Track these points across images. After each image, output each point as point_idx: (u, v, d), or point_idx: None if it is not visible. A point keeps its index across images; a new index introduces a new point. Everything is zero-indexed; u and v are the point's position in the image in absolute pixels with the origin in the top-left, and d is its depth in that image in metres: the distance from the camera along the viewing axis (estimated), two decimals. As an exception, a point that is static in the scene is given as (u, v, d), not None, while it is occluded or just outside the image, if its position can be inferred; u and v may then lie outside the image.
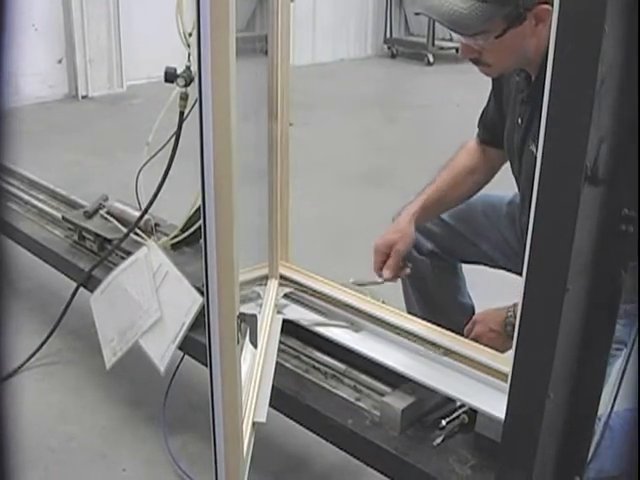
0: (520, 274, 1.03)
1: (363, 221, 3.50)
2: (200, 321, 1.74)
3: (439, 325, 1.66)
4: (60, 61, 6.06)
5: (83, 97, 6.08)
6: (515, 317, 1.53)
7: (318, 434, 1.61)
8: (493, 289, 1.98)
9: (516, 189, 1.78)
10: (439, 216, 1.93)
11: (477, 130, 1.89)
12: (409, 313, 1.87)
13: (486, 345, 1.63)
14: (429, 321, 1.69)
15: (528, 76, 1.55)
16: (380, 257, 1.78)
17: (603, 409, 1.10)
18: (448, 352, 1.57)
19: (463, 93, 6.09)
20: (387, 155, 4.77)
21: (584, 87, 0.89)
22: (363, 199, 3.91)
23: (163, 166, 2.00)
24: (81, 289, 2.24)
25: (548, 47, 0.93)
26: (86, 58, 6.06)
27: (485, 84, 1.77)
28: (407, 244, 1.79)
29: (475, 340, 1.68)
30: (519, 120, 1.61)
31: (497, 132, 1.78)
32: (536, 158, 0.94)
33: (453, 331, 1.63)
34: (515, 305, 1.62)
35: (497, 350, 1.61)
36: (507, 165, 1.80)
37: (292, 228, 1.96)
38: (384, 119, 5.78)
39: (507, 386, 1.10)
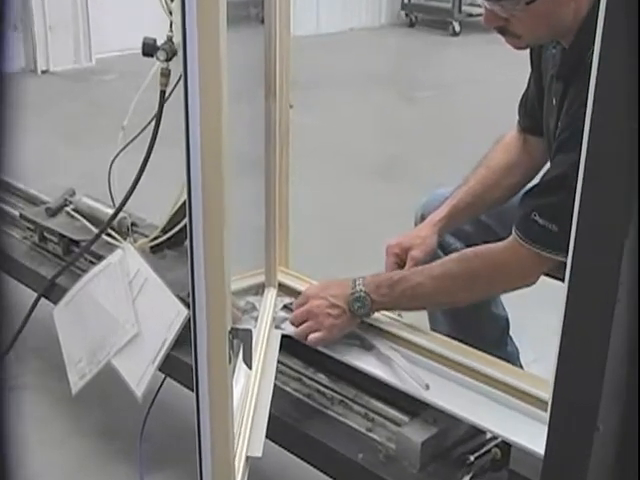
0: (561, 279, 1.04)
1: (376, 221, 3.51)
2: (185, 337, 1.74)
3: (466, 343, 1.67)
4: (14, 28, 6.07)
5: (43, 72, 6.09)
6: (367, 291, 1.63)
7: (323, 470, 1.62)
8: (529, 297, 1.97)
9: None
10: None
11: (517, 117, 1.89)
12: (432, 330, 1.88)
13: (318, 327, 1.66)
14: (455, 338, 1.70)
15: (565, 49, 1.56)
16: (392, 258, 1.84)
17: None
18: (477, 374, 1.57)
19: (496, 69, 6.09)
20: (404, 143, 4.78)
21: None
22: (376, 195, 3.92)
23: (141, 155, 2.01)
24: (42, 300, 2.25)
25: (587, 14, 0.94)
26: (46, 25, 6.07)
27: (524, 58, 1.78)
28: (426, 252, 1.82)
29: (302, 322, 1.70)
30: (553, 100, 1.62)
31: (539, 118, 1.78)
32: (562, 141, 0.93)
33: (484, 350, 1.64)
34: (362, 278, 1.67)
35: (333, 332, 1.66)
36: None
37: (293, 229, 1.96)
38: (401, 100, 5.79)
39: (547, 416, 1.11)
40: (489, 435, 1.52)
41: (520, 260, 1.58)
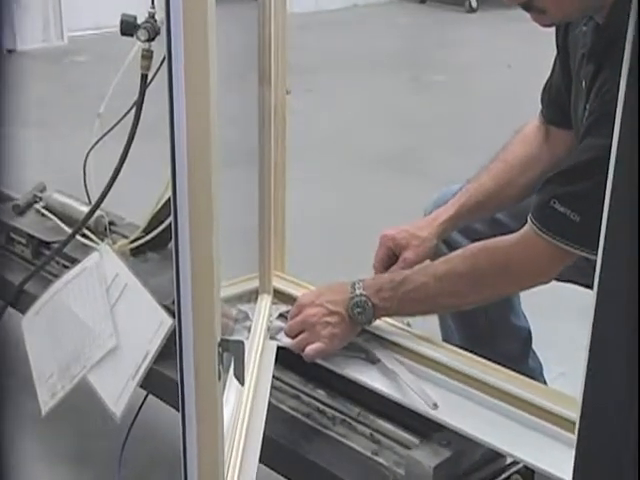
0: (589, 286, 1.04)
1: (379, 221, 3.49)
2: (169, 350, 1.75)
3: (483, 356, 1.67)
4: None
5: (9, 51, 6.09)
6: (367, 295, 1.64)
7: (323, 500, 1.62)
8: (553, 306, 1.98)
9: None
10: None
11: (540, 107, 1.89)
12: (444, 342, 1.88)
13: (315, 337, 1.67)
14: (470, 351, 1.70)
15: (598, 25, 1.56)
16: (384, 251, 1.87)
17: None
18: (495, 391, 1.57)
19: (517, 49, 6.10)
20: (414, 133, 4.78)
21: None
22: (383, 191, 3.93)
23: (120, 146, 2.01)
24: (9, 309, 2.25)
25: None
26: (12, -1, 6.07)
27: (548, 37, 1.78)
28: (421, 256, 1.83)
29: (298, 334, 1.71)
30: (582, 84, 1.62)
31: (565, 105, 1.78)
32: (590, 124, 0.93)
33: (503, 365, 1.64)
34: (362, 280, 1.69)
35: (334, 342, 1.68)
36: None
37: (289, 229, 1.97)
38: (411, 84, 5.80)
39: (574, 438, 1.11)
40: (509, 459, 1.52)
41: (535, 253, 1.56)
